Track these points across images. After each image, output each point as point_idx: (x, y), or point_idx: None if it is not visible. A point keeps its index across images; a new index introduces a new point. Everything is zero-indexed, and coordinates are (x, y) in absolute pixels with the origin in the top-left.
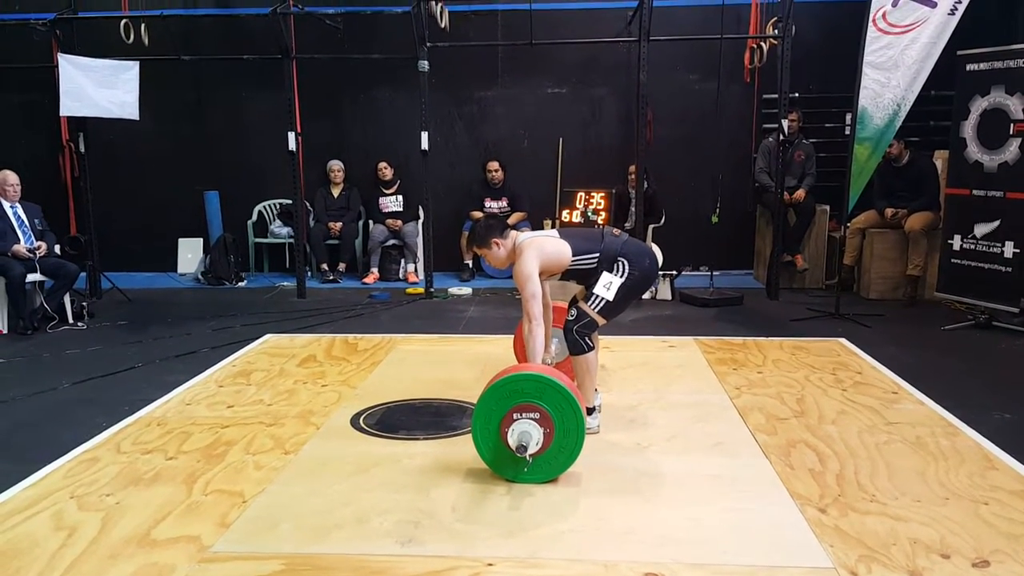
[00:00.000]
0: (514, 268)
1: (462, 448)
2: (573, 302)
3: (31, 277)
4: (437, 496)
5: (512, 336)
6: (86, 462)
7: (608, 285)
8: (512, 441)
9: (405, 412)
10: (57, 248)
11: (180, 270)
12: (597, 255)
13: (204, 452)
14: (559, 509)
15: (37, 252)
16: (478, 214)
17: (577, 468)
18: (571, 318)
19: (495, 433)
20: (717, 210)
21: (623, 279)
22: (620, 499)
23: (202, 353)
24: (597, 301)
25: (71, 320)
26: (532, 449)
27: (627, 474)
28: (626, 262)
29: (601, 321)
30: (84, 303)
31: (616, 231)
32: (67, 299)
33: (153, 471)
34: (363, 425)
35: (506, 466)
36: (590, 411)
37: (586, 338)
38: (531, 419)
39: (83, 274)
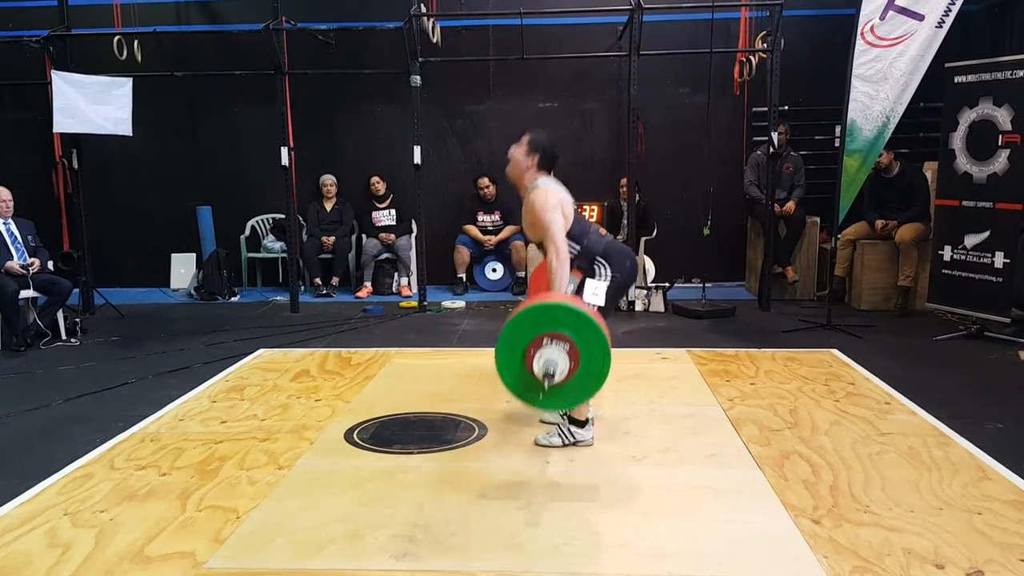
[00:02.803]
0: (529, 201)
1: (456, 462)
2: None
3: (24, 293)
4: (431, 510)
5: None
6: (80, 478)
7: (595, 292)
8: (538, 367)
9: (399, 426)
10: (50, 264)
11: (173, 285)
12: (579, 248)
13: (198, 468)
14: (553, 522)
15: (30, 268)
16: (472, 228)
17: (571, 481)
18: None
19: (520, 353)
20: (709, 222)
21: (607, 283)
22: (614, 512)
23: (195, 368)
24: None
25: (64, 336)
26: (557, 379)
27: (621, 487)
28: (607, 265)
29: None
30: (77, 319)
31: (602, 230)
32: (60, 315)
33: (147, 487)
34: (357, 439)
35: (522, 385)
36: (583, 423)
37: None
38: (560, 349)
39: (76, 290)
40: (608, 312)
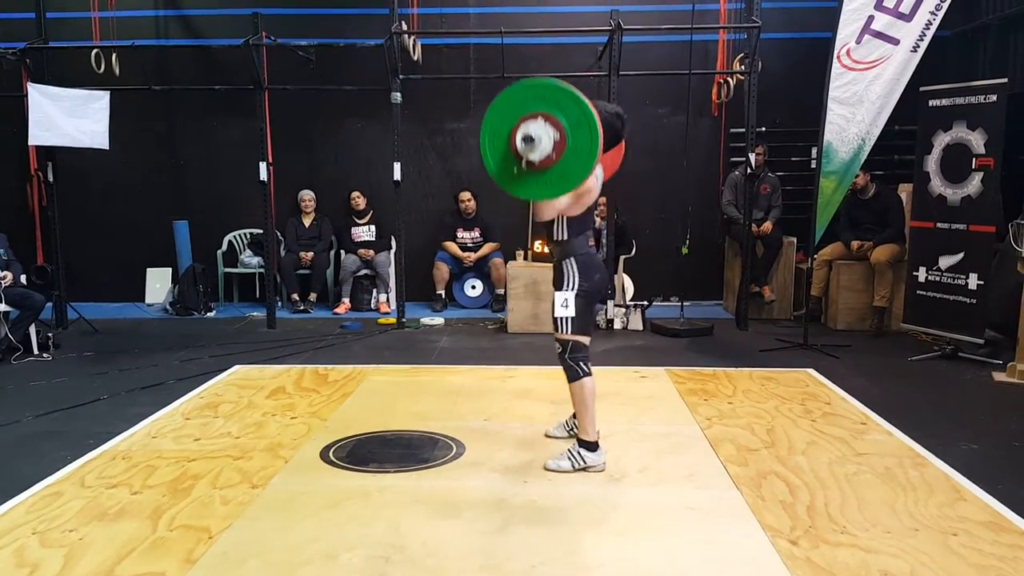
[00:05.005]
0: None
1: (433, 481)
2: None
3: None
4: (408, 531)
5: (485, 367)
6: (49, 497)
7: (565, 303)
8: (520, 134)
9: (376, 444)
10: (23, 278)
11: (148, 300)
12: (567, 233)
13: (170, 486)
14: (530, 544)
15: (2, 282)
16: (451, 244)
17: (548, 500)
18: (559, 349)
19: (510, 121)
20: (687, 241)
21: (574, 292)
22: (592, 532)
23: (169, 385)
24: (564, 324)
25: (36, 351)
26: (532, 155)
27: (599, 506)
28: (575, 272)
29: (583, 339)
30: (50, 334)
31: (591, 242)
32: (32, 330)
33: (118, 506)
34: (333, 458)
35: (500, 159)
36: (594, 446)
37: (580, 363)
38: (548, 134)
39: (49, 304)
40: (587, 318)
